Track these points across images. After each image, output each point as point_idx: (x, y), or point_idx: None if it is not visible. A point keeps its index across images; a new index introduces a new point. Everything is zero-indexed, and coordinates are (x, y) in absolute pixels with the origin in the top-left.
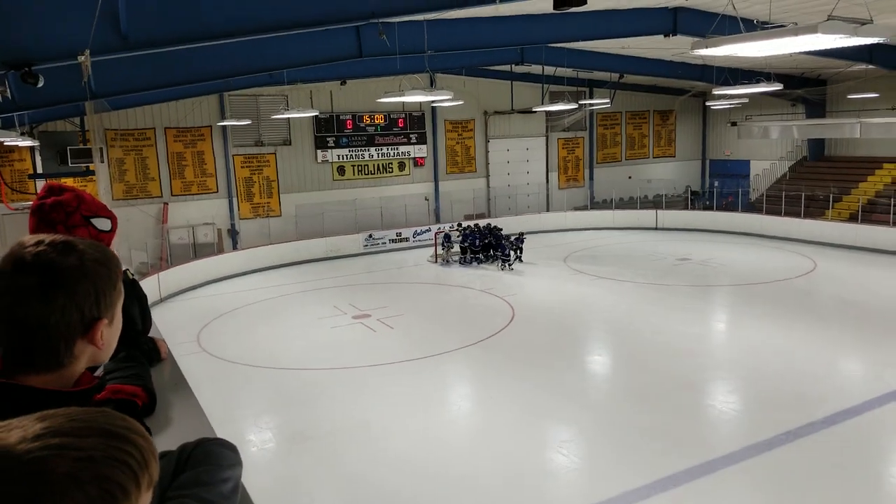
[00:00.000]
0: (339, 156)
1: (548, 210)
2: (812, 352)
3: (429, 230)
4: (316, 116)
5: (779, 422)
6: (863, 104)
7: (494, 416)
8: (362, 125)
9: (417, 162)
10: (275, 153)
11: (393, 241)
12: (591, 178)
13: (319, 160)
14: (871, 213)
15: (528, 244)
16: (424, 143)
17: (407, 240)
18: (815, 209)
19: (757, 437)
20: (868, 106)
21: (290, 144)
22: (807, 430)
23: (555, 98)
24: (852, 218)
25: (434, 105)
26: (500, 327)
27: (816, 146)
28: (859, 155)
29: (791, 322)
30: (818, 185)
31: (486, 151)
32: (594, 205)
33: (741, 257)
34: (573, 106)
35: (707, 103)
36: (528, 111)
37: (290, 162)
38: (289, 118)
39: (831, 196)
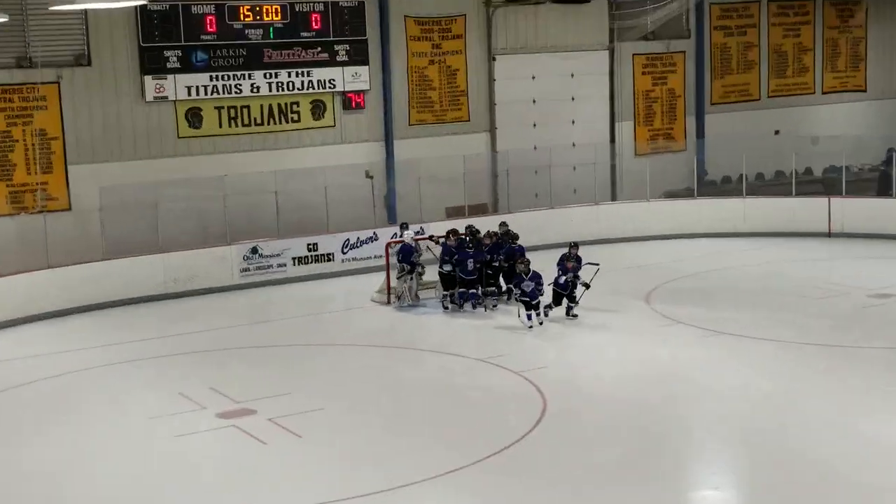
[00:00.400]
0: (189, 88)
1: (613, 198)
2: None
3: (374, 239)
4: (142, 7)
5: None
6: None
7: None
8: (238, 26)
9: (351, 102)
10: (58, 83)
11: (301, 260)
12: (700, 133)
13: (149, 97)
14: None
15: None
16: (365, 62)
17: (330, 258)
18: None
19: None
20: None
21: (88, 65)
22: None
23: None
24: None
25: None
26: (518, 433)
27: None
28: None
29: None
30: None
31: (490, 80)
32: (705, 187)
33: None
34: None
35: None
36: None
37: (90, 100)
38: (85, 11)
39: None
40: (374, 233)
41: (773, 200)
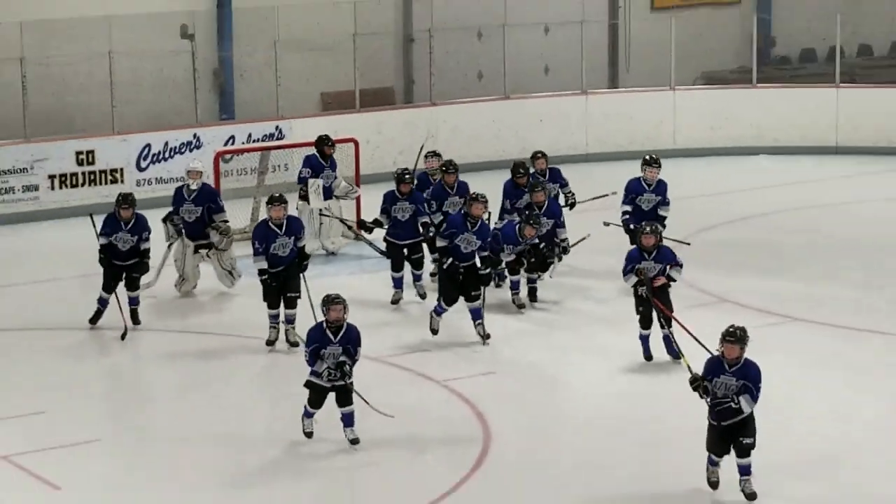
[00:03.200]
0: None
1: (613, 84)
2: None
3: (196, 145)
4: None
5: None
6: None
7: None
8: None
9: None
10: None
11: (66, 180)
12: None
13: None
14: None
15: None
16: None
17: (115, 177)
18: None
19: None
20: None
21: None
22: None
23: None
24: None
25: None
26: (443, 487)
27: None
28: None
29: None
30: None
31: None
32: (771, 67)
33: None
34: None
35: None
36: None
37: None
38: None
39: None
40: (196, 135)
41: (886, 92)
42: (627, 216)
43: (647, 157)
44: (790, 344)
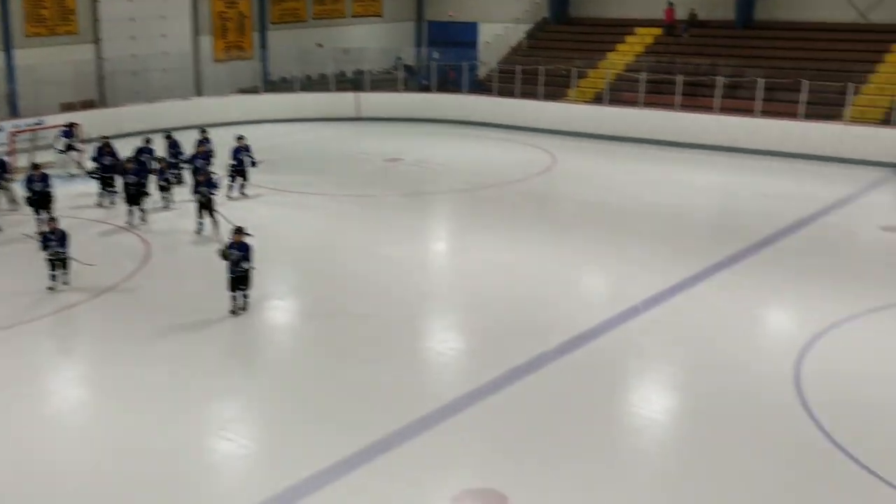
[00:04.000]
0: None
1: (199, 94)
2: (546, 269)
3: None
4: None
5: (506, 358)
6: None
7: (125, 403)
8: None
9: None
10: None
11: None
12: (264, 45)
13: None
14: (619, 91)
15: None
16: None
17: None
18: (557, 88)
19: (482, 379)
20: None
21: None
22: (538, 364)
23: None
24: (598, 99)
25: None
26: (125, 273)
27: (559, 4)
28: (610, 16)
29: (522, 233)
30: (561, 56)
31: (95, 1)
32: (269, 86)
33: (466, 154)
34: None
35: None
36: None
37: None
38: None
39: (575, 71)
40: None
41: (319, 94)
42: (234, 165)
43: (239, 135)
44: (302, 204)
